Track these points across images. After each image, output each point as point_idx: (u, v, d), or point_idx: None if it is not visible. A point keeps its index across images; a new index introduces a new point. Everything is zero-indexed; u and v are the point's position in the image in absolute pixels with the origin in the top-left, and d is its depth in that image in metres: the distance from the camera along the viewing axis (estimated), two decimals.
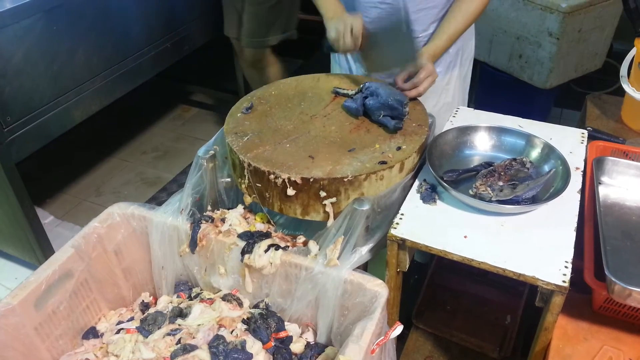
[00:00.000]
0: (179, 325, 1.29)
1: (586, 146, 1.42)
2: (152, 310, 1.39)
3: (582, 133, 1.47)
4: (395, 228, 1.18)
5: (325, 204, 1.22)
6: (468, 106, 1.69)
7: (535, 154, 1.33)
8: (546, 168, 1.28)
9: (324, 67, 1.84)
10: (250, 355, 1.20)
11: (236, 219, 1.36)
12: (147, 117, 3.30)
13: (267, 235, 1.31)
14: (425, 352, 1.63)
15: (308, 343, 1.30)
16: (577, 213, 1.20)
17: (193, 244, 1.33)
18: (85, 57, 2.04)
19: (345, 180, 1.19)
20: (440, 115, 1.58)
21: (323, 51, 1.56)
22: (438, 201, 1.25)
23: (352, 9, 1.56)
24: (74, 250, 1.29)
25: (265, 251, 1.24)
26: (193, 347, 1.20)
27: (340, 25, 1.43)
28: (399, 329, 1.11)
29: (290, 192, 1.22)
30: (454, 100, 1.72)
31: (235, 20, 2.56)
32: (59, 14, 1.88)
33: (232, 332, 1.25)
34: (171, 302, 1.40)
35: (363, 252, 1.20)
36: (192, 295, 1.40)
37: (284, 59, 2.75)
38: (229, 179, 1.44)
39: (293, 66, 3.19)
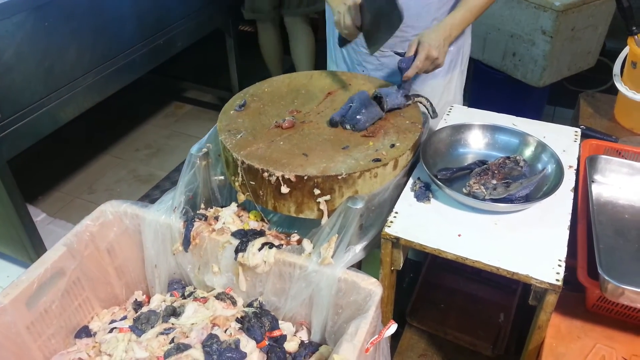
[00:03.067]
0: (173, 324, 1.28)
1: (579, 144, 1.43)
2: (145, 309, 1.38)
3: (576, 131, 1.47)
4: (389, 226, 1.18)
5: (319, 202, 1.22)
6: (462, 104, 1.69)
7: (528, 152, 1.33)
8: (540, 166, 1.29)
9: (318, 64, 1.83)
10: (244, 355, 1.20)
11: (230, 217, 1.36)
12: (139, 114, 3.27)
13: (260, 233, 1.31)
14: (419, 350, 1.63)
15: (302, 342, 1.30)
16: (570, 211, 1.20)
17: (186, 242, 1.33)
18: (78, 54, 2.02)
19: (340, 177, 1.19)
20: (442, 114, 1.57)
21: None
22: (432, 199, 1.25)
23: None
24: (66, 248, 1.28)
25: (259, 249, 1.24)
26: (186, 347, 1.20)
27: (341, 7, 1.43)
28: (393, 327, 1.11)
29: (284, 189, 1.21)
30: (455, 98, 1.73)
31: None
32: (51, 10, 1.86)
33: (225, 331, 1.25)
34: (164, 301, 1.39)
35: (357, 250, 1.20)
36: (186, 294, 1.39)
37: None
38: (222, 177, 1.44)
39: (286, 64, 3.18)
